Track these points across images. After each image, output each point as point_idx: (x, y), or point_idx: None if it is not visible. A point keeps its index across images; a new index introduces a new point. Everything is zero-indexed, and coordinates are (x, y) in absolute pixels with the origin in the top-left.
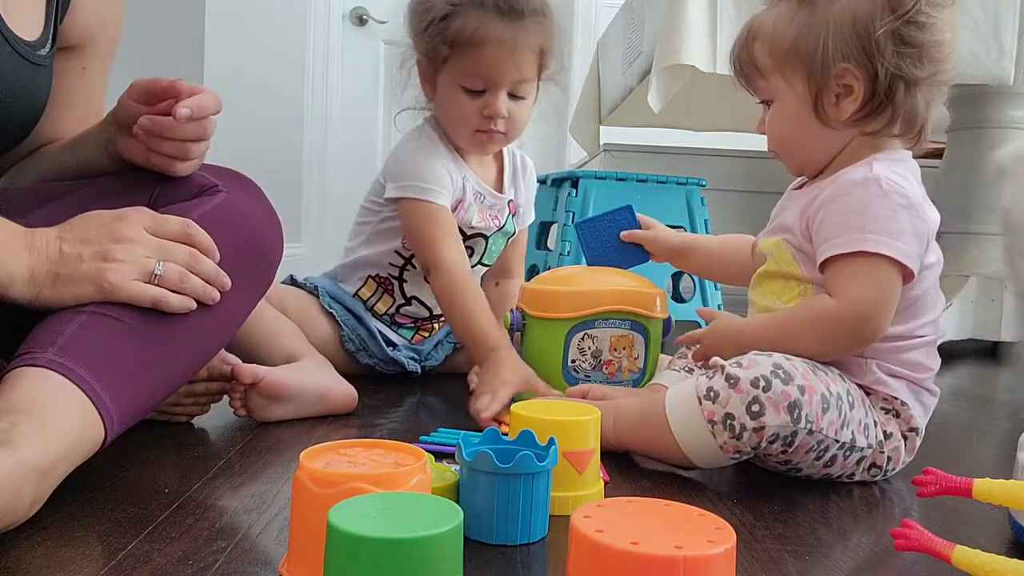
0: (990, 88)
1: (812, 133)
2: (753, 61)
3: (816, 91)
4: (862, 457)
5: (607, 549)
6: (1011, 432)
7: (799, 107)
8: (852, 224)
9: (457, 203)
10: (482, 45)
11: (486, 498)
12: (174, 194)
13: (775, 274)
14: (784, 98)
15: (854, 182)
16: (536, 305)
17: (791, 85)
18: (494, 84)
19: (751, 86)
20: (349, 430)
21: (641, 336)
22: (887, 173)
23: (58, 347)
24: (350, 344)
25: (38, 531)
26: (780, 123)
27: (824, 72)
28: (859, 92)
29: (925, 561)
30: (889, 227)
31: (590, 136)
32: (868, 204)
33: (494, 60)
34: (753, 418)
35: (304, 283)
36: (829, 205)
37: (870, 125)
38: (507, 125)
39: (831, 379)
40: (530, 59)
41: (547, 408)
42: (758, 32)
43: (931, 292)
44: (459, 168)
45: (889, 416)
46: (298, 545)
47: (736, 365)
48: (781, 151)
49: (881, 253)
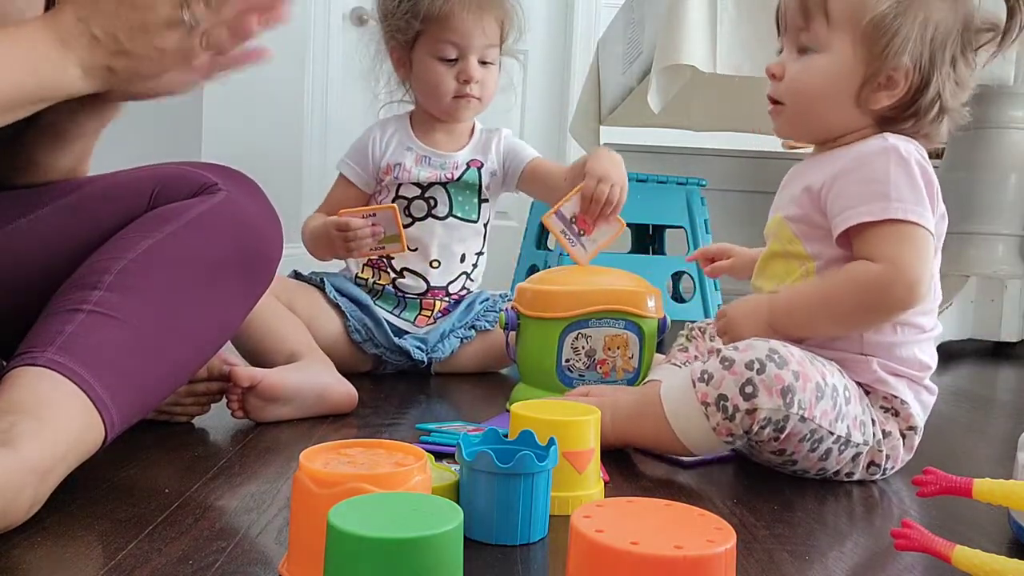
0: (990, 88)
1: (838, 103)
2: (825, 5)
3: (870, 72)
4: (858, 453)
5: (607, 549)
6: (1011, 432)
7: (845, 75)
8: (876, 192)
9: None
10: (451, 16)
11: (486, 498)
12: (174, 192)
13: (778, 254)
14: (835, 57)
15: (872, 151)
16: (530, 305)
17: (853, 51)
18: (466, 50)
19: (801, 22)
20: (349, 430)
21: (635, 336)
22: (904, 143)
23: (57, 346)
24: (356, 334)
25: (38, 531)
26: (814, 76)
27: (888, 58)
28: (900, 91)
29: (925, 561)
30: (913, 194)
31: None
32: (889, 172)
33: (464, 28)
34: (746, 399)
35: (310, 277)
36: (847, 176)
37: (890, 125)
38: (480, 90)
39: (828, 371)
40: (494, 26)
41: (547, 408)
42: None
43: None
44: (406, 140)
45: (888, 415)
46: (298, 545)
47: (732, 348)
48: (792, 105)
49: (910, 220)
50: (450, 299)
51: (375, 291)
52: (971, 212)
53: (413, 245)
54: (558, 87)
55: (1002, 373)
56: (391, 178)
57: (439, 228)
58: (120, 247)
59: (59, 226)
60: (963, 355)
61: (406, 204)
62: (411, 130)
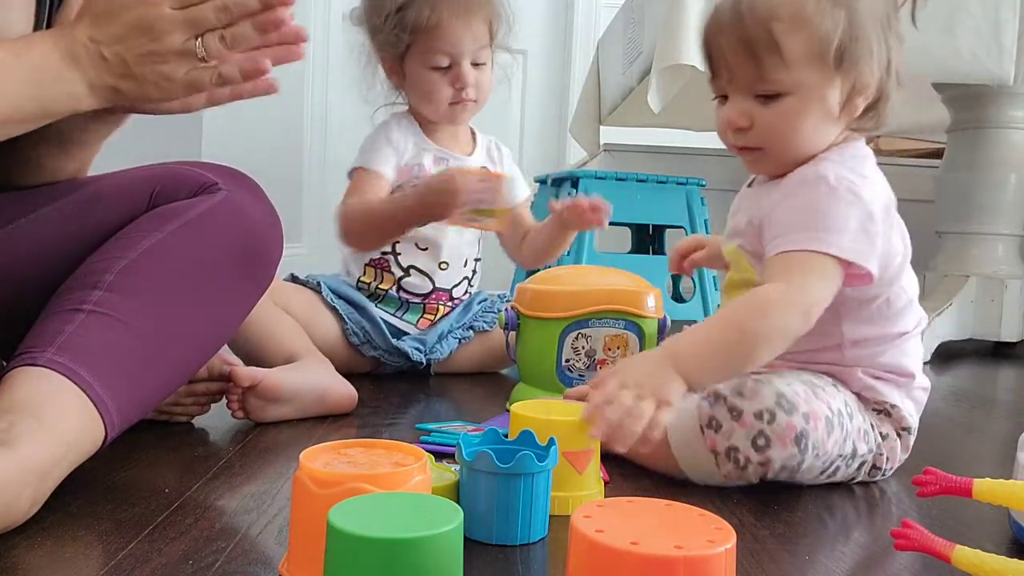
0: (990, 88)
1: (820, 130)
2: (775, 47)
3: (849, 89)
4: (863, 462)
5: (607, 549)
6: (1011, 432)
7: (822, 104)
8: (800, 222)
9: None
10: (439, 26)
11: (486, 498)
12: (174, 192)
13: (739, 282)
14: (809, 93)
15: (802, 180)
16: (530, 305)
17: (826, 82)
18: (458, 57)
19: (757, 74)
20: (349, 430)
21: (636, 336)
22: (836, 169)
23: (57, 346)
24: (354, 337)
25: (38, 531)
26: (793, 120)
27: (862, 69)
28: (872, 89)
29: (925, 561)
30: (836, 224)
31: (590, 136)
32: (816, 201)
33: (453, 36)
34: (758, 452)
35: (306, 280)
36: (779, 205)
37: (868, 122)
38: (475, 92)
39: (829, 394)
40: (483, 28)
41: (546, 408)
42: (778, 13)
43: (903, 286)
44: (420, 140)
45: (882, 417)
46: (298, 545)
47: (737, 394)
48: (775, 149)
49: (827, 252)
50: (453, 303)
51: (376, 295)
52: (971, 212)
53: (424, 245)
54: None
55: (1002, 373)
56: (409, 179)
57: (451, 230)
58: (120, 247)
59: (59, 226)
60: (963, 355)
61: None
62: (421, 129)
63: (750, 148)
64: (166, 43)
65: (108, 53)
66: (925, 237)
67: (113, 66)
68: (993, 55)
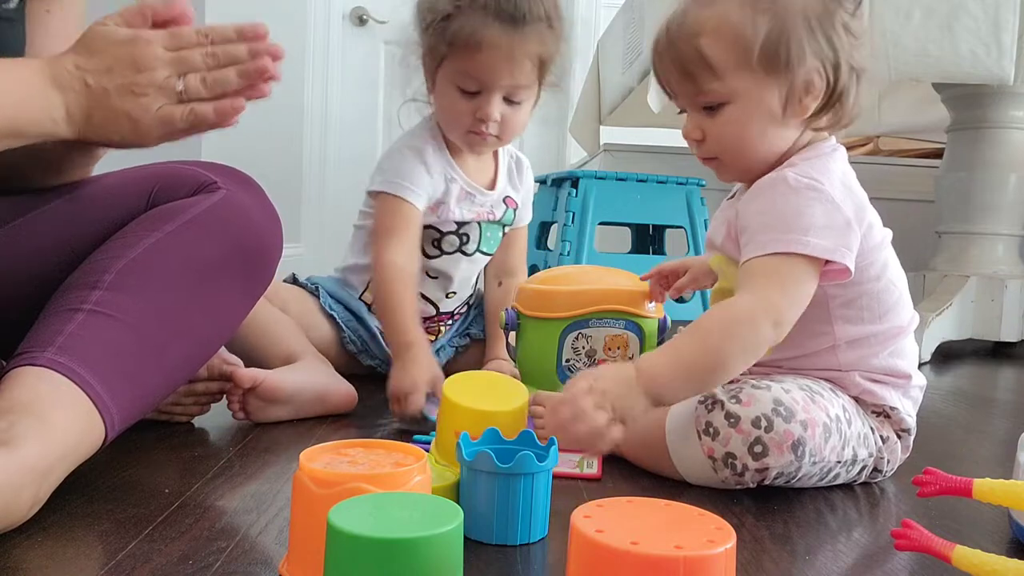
0: (990, 88)
1: (769, 134)
2: (705, 60)
3: (787, 91)
4: (864, 466)
5: (607, 549)
6: (1011, 432)
7: (761, 108)
8: (764, 225)
9: (439, 203)
10: (478, 49)
11: (486, 498)
12: (174, 191)
13: (727, 291)
14: (746, 100)
15: (763, 186)
16: (530, 304)
17: (758, 86)
18: (488, 88)
19: (696, 89)
20: (349, 430)
21: (636, 336)
22: (796, 170)
23: (57, 346)
24: (351, 345)
25: (38, 531)
26: (739, 127)
27: (795, 71)
28: (820, 88)
29: (925, 561)
30: (800, 223)
31: (590, 136)
32: (775, 203)
33: (488, 64)
34: (756, 459)
35: (305, 283)
36: (746, 210)
37: (823, 120)
38: (500, 129)
39: (827, 400)
40: (527, 66)
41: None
42: (703, 28)
43: (891, 280)
44: (448, 169)
45: (881, 419)
46: (298, 545)
47: (735, 400)
48: (730, 156)
49: (795, 252)
50: (453, 319)
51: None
52: (971, 212)
53: (434, 274)
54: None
55: (1002, 373)
56: (432, 215)
57: (464, 263)
58: (120, 246)
59: (58, 226)
60: (963, 355)
61: (438, 236)
62: (449, 151)
63: (710, 158)
64: (149, 77)
65: (92, 81)
66: (925, 237)
67: (94, 94)
68: (993, 55)
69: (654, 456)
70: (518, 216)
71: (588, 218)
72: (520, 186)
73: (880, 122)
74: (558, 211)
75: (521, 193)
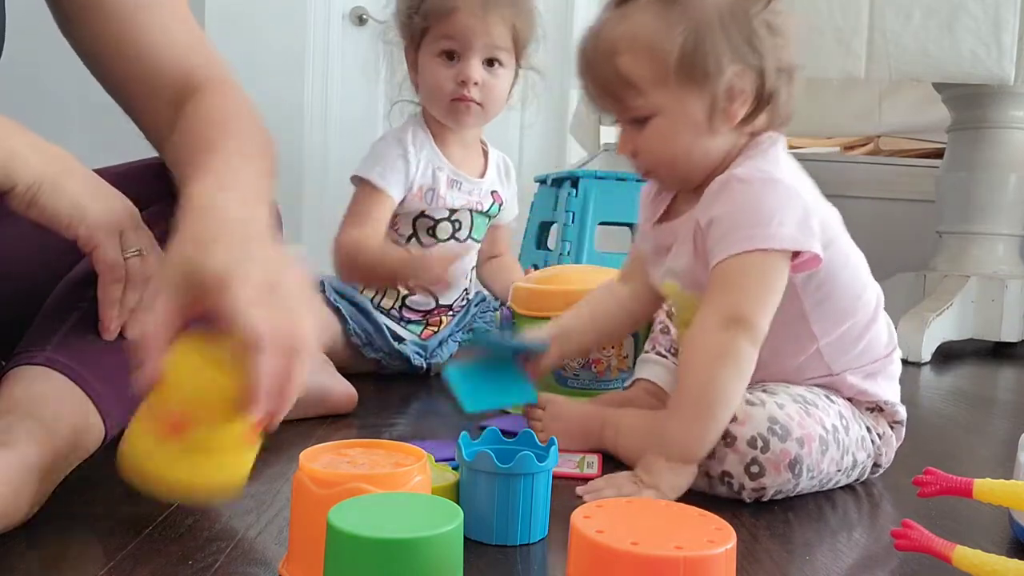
0: (990, 88)
1: (700, 144)
2: (624, 78)
3: (711, 100)
4: (864, 468)
5: (607, 549)
6: (1011, 432)
7: (689, 120)
8: (725, 229)
9: (429, 189)
10: (454, 12)
11: (486, 498)
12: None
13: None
14: (671, 113)
15: (714, 191)
16: (525, 304)
17: (679, 98)
18: (466, 49)
19: (620, 105)
20: (349, 430)
21: (630, 335)
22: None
23: (56, 345)
24: (356, 338)
25: (38, 531)
26: (666, 140)
27: (718, 78)
28: (749, 92)
29: (925, 561)
30: (760, 217)
31: (590, 136)
32: (734, 200)
33: (465, 25)
34: (753, 479)
35: None
36: (704, 218)
37: (757, 123)
38: (482, 95)
39: (822, 410)
40: (501, 29)
41: None
42: (618, 45)
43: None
44: (435, 158)
45: (875, 414)
46: (298, 545)
47: (732, 420)
48: (664, 170)
49: (761, 248)
50: (453, 312)
51: (379, 310)
52: (971, 212)
53: None
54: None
55: (1002, 373)
56: (420, 202)
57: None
58: None
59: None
60: (963, 355)
61: (431, 224)
62: (435, 144)
63: (647, 172)
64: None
65: None
66: (925, 237)
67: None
68: (993, 55)
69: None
70: (503, 211)
71: (588, 218)
72: (507, 185)
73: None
74: (558, 211)
75: (507, 192)
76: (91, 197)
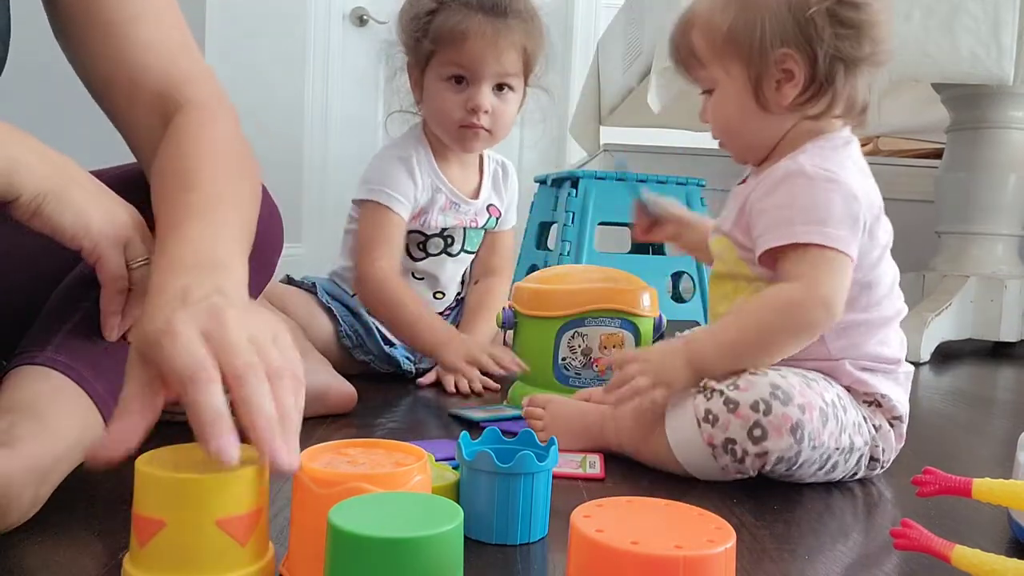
0: (990, 88)
1: (754, 120)
2: (691, 50)
3: (756, 77)
4: (861, 455)
5: (607, 549)
6: (1011, 432)
7: (740, 94)
8: (783, 218)
9: (423, 210)
10: (464, 38)
11: (486, 498)
12: None
13: (724, 275)
14: (724, 86)
15: (778, 178)
16: (527, 303)
17: (730, 73)
18: (476, 76)
19: (691, 76)
20: (349, 430)
21: (631, 334)
22: (812, 160)
23: (57, 345)
24: (347, 339)
25: (38, 531)
26: (721, 111)
27: (763, 58)
28: (800, 76)
29: (925, 561)
30: (820, 215)
31: (590, 136)
32: (795, 195)
33: (476, 52)
34: (755, 443)
35: (302, 281)
36: (761, 201)
37: (812, 108)
38: (491, 121)
39: (822, 387)
40: (512, 55)
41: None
42: (694, 20)
43: (884, 271)
44: (435, 178)
45: (873, 408)
46: (298, 545)
47: (733, 387)
48: (725, 139)
49: (813, 243)
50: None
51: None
52: (971, 212)
53: (420, 275)
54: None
55: (1002, 373)
56: (415, 222)
57: (449, 263)
58: None
59: None
60: (963, 355)
61: (423, 240)
62: (435, 161)
63: (717, 139)
64: None
65: None
66: (925, 237)
67: None
68: (993, 55)
69: (654, 449)
70: (501, 222)
71: (588, 218)
72: (504, 192)
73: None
74: (558, 211)
75: (505, 200)
76: (95, 208)
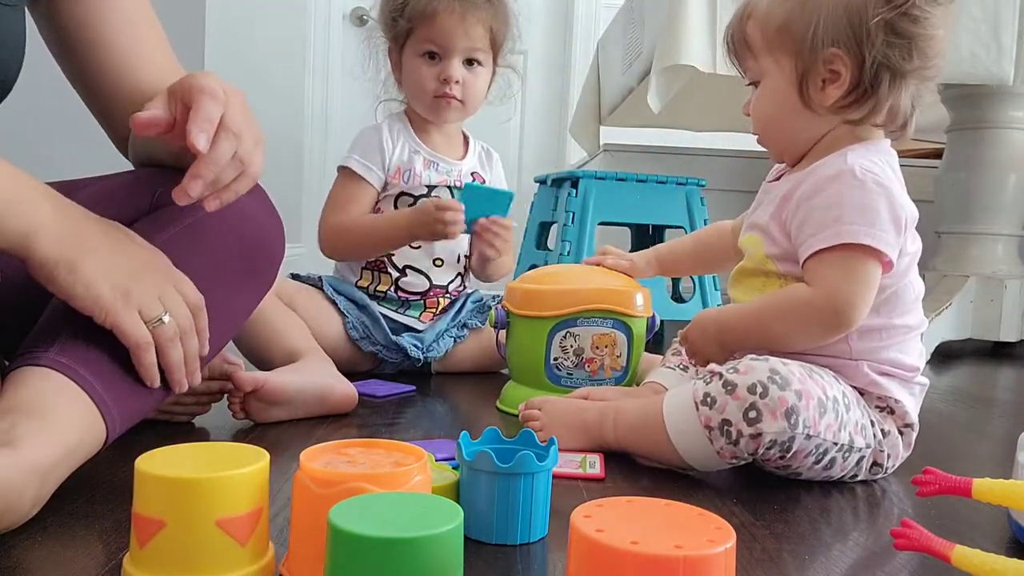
0: (990, 88)
1: (796, 116)
2: (745, 40)
3: (803, 73)
4: (862, 457)
5: (607, 549)
6: (1011, 432)
7: (785, 89)
8: (831, 218)
9: (403, 168)
10: (435, 15)
11: (486, 498)
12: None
13: (754, 271)
14: (771, 78)
15: (829, 176)
16: (519, 303)
17: (779, 65)
18: (448, 50)
19: (742, 65)
20: (349, 430)
21: (623, 335)
22: (861, 162)
23: (59, 346)
24: (354, 331)
25: (38, 531)
26: (765, 104)
27: (812, 54)
28: (845, 78)
29: (925, 561)
30: (866, 216)
31: (590, 136)
32: (843, 195)
33: (446, 28)
34: (750, 424)
35: (308, 277)
36: (808, 202)
37: (853, 113)
38: (463, 92)
39: (827, 383)
40: (480, 31)
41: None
42: (753, 10)
43: (912, 281)
44: (411, 142)
45: (884, 414)
46: (298, 545)
47: (733, 371)
48: (764, 133)
49: (860, 243)
50: (450, 296)
51: (376, 296)
52: (971, 212)
53: (416, 244)
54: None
55: (1002, 373)
56: (399, 182)
57: None
58: None
59: None
60: (963, 355)
61: (412, 201)
62: (412, 131)
63: (757, 136)
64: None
65: None
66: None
67: None
68: (993, 55)
69: (651, 436)
70: None
71: (588, 218)
72: (490, 173)
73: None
74: (558, 211)
75: (490, 177)
76: (104, 279)
